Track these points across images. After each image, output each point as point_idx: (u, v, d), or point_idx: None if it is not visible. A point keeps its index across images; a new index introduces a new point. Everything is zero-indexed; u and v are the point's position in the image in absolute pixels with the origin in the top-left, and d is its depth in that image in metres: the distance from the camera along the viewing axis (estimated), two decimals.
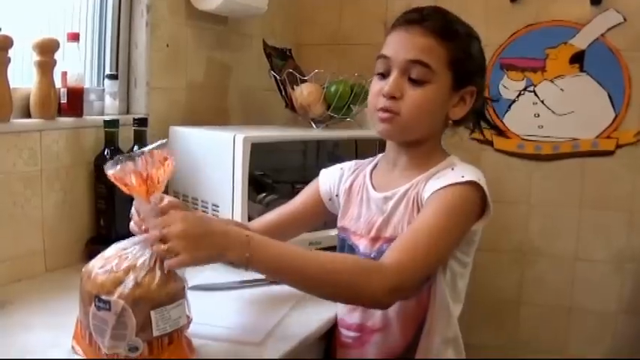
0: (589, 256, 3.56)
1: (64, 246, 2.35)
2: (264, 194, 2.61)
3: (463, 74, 1.84)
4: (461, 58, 1.82)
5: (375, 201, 1.92)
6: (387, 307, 1.74)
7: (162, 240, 1.49)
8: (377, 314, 1.88)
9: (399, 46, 1.83)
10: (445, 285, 1.81)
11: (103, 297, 1.45)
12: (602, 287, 3.55)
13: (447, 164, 1.86)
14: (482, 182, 1.76)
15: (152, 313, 1.47)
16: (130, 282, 1.46)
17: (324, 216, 2.20)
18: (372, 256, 1.86)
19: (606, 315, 3.56)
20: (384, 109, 1.82)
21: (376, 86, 1.87)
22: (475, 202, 1.77)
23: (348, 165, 2.13)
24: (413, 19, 1.83)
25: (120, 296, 1.44)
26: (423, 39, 1.79)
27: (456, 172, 1.78)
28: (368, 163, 2.08)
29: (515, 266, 3.70)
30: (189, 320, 1.61)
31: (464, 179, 1.73)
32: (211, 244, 1.56)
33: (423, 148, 1.89)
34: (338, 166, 2.16)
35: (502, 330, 3.75)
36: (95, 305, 1.46)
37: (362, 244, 1.92)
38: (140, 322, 1.46)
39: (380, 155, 2.07)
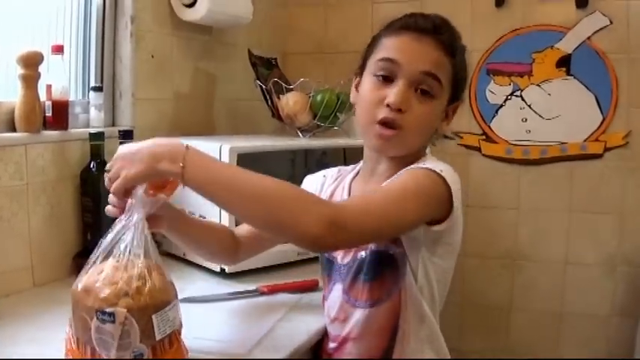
0: (580, 260, 3.56)
1: (51, 260, 2.34)
2: None
3: (458, 91, 1.83)
4: (460, 76, 1.81)
5: None
6: (319, 247, 1.63)
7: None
8: (351, 323, 1.85)
9: (411, 54, 1.73)
10: (418, 291, 1.77)
11: (107, 309, 1.43)
12: (594, 291, 3.55)
13: (419, 162, 1.80)
14: (449, 178, 1.68)
15: (154, 317, 1.47)
16: (131, 291, 1.46)
17: None
18: (348, 267, 1.84)
19: (599, 319, 3.56)
20: (388, 124, 1.72)
21: (375, 91, 1.76)
22: (436, 190, 1.66)
23: (331, 172, 2.08)
24: (425, 27, 1.74)
25: (125, 306, 1.44)
26: (437, 52, 1.73)
27: (423, 164, 1.74)
28: (350, 171, 2.03)
29: (506, 272, 3.69)
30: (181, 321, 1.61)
31: (423, 167, 1.70)
32: (146, 157, 1.55)
33: (406, 158, 1.81)
34: (321, 173, 2.11)
35: (493, 336, 3.74)
36: (98, 319, 1.44)
37: (338, 257, 1.89)
38: (142, 328, 1.45)
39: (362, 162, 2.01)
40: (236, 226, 2.14)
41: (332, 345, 1.94)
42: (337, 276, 1.89)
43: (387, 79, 1.74)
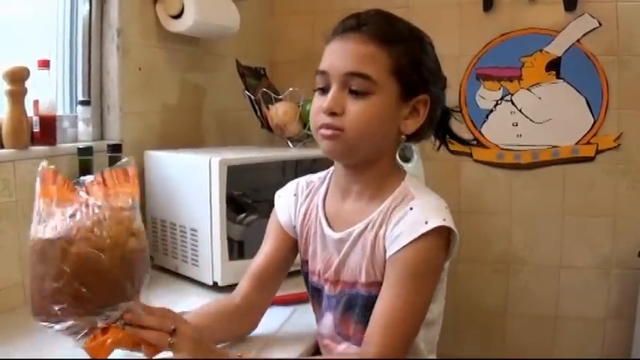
0: (574, 263, 3.56)
1: None
2: (244, 214, 2.58)
3: (412, 82, 1.69)
4: (407, 65, 1.67)
5: (331, 241, 1.81)
6: None
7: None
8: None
9: (335, 57, 1.69)
10: None
11: None
12: (589, 294, 3.55)
13: (403, 193, 1.71)
14: (448, 220, 1.63)
15: None
16: None
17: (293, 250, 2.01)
18: (337, 299, 1.80)
19: (594, 321, 3.57)
20: (326, 126, 1.68)
21: (316, 103, 1.74)
22: (442, 249, 1.66)
23: (301, 188, 1.97)
24: (349, 25, 1.69)
25: None
26: (360, 46, 1.65)
27: (418, 216, 1.64)
28: (319, 185, 1.94)
29: (500, 277, 3.69)
30: None
31: (427, 227, 1.60)
32: None
33: (374, 170, 1.75)
34: (291, 191, 1.99)
35: (489, 341, 3.73)
36: None
37: (326, 286, 1.84)
38: None
39: (332, 169, 1.91)
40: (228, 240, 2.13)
41: None
42: (327, 305, 1.85)
43: (325, 90, 1.71)
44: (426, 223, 1.60)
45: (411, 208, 1.65)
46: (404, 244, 1.61)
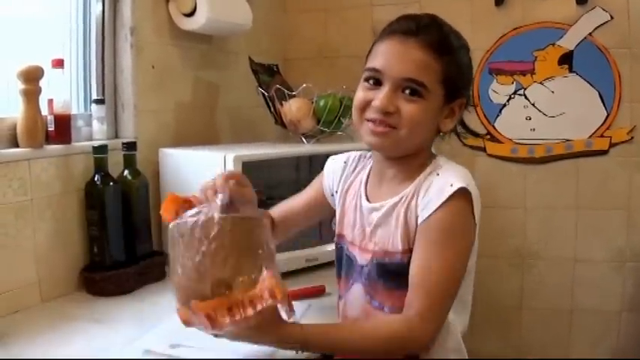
0: (588, 256, 3.55)
1: (58, 275, 2.33)
2: None
3: (455, 89, 1.78)
4: (454, 74, 1.76)
5: (365, 210, 1.89)
6: (425, 346, 1.73)
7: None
8: None
9: (392, 59, 1.73)
10: None
11: None
12: (604, 287, 3.54)
13: (433, 168, 1.80)
14: (471, 185, 1.72)
15: None
16: None
17: (328, 211, 2.15)
18: (368, 268, 1.83)
19: (609, 314, 3.55)
20: (379, 122, 1.74)
21: (364, 94, 1.79)
22: (470, 212, 1.72)
23: (353, 157, 2.08)
24: (409, 29, 1.73)
25: None
26: (419, 53, 1.71)
27: (443, 180, 1.73)
28: (368, 163, 2.01)
29: (515, 271, 3.68)
30: None
31: (453, 188, 1.69)
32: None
33: (412, 160, 1.82)
34: (343, 158, 2.10)
35: (505, 335, 3.73)
36: None
37: (358, 255, 1.89)
38: None
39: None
40: None
41: None
42: (357, 276, 1.89)
43: (377, 83, 1.76)
44: (451, 185, 1.69)
45: (438, 174, 1.76)
46: (434, 208, 1.69)
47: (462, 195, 1.69)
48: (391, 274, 1.78)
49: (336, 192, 2.05)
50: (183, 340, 1.86)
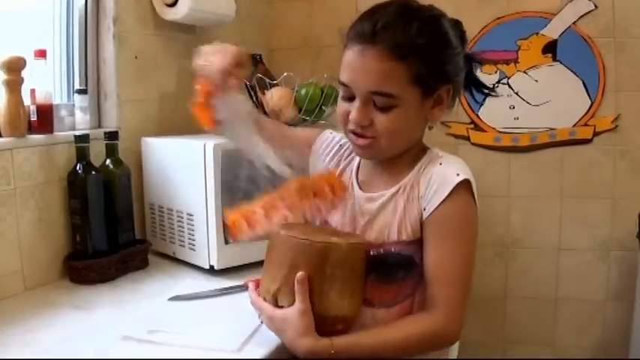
0: (573, 245, 3.57)
1: (41, 264, 2.34)
2: (244, 201, 2.59)
3: (432, 82, 1.72)
4: (425, 69, 1.68)
5: (359, 200, 1.87)
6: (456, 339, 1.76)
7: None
8: (362, 323, 1.81)
9: (354, 74, 1.70)
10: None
11: None
12: (589, 276, 3.56)
13: (430, 157, 1.80)
14: (471, 176, 1.73)
15: None
16: None
17: (299, 157, 2.10)
18: None
19: (594, 303, 3.57)
20: (359, 134, 1.74)
21: (343, 106, 1.77)
22: (474, 202, 1.74)
23: (347, 145, 2.01)
24: (365, 35, 1.67)
25: None
26: (378, 64, 1.65)
27: (448, 169, 1.73)
28: None
29: (499, 260, 3.70)
30: None
31: (459, 178, 1.69)
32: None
33: (403, 154, 1.81)
34: (340, 140, 2.05)
35: (490, 324, 3.75)
36: None
37: None
38: None
39: None
40: None
41: None
42: None
43: (351, 96, 1.73)
44: (458, 175, 1.69)
45: (440, 164, 1.75)
46: (441, 199, 1.69)
47: (466, 185, 1.70)
48: (384, 267, 1.78)
49: (324, 161, 2.05)
50: (162, 325, 1.89)
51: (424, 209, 1.72)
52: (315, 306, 1.61)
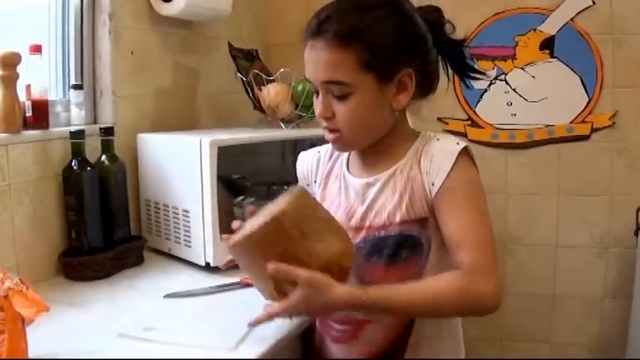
0: (570, 242, 3.56)
1: (36, 260, 2.33)
2: (241, 197, 2.59)
3: (387, 66, 1.72)
4: (377, 53, 1.68)
5: (355, 188, 1.86)
6: (496, 306, 1.66)
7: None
8: None
9: (310, 67, 1.75)
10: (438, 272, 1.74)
11: None
12: (586, 273, 3.56)
13: (425, 138, 1.81)
14: (468, 144, 1.75)
15: None
16: None
17: None
18: (360, 245, 1.81)
19: (592, 300, 3.57)
20: (328, 129, 1.78)
21: (315, 103, 1.81)
22: (476, 167, 1.76)
23: (325, 148, 2.04)
24: (312, 30, 1.72)
25: None
26: (324, 54, 1.68)
27: (447, 141, 1.76)
28: None
29: None
30: None
31: (460, 147, 1.71)
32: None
33: (387, 139, 1.81)
34: (315, 149, 2.09)
35: (487, 321, 3.70)
36: None
37: (350, 233, 1.81)
38: None
39: None
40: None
41: (341, 327, 1.91)
42: None
43: (316, 90, 1.78)
44: (458, 144, 1.72)
45: (438, 139, 1.78)
46: (449, 169, 1.69)
47: (467, 152, 1.72)
48: (386, 249, 1.77)
49: (315, 181, 2.04)
50: (157, 323, 1.88)
51: (432, 184, 1.71)
52: (312, 265, 1.58)
